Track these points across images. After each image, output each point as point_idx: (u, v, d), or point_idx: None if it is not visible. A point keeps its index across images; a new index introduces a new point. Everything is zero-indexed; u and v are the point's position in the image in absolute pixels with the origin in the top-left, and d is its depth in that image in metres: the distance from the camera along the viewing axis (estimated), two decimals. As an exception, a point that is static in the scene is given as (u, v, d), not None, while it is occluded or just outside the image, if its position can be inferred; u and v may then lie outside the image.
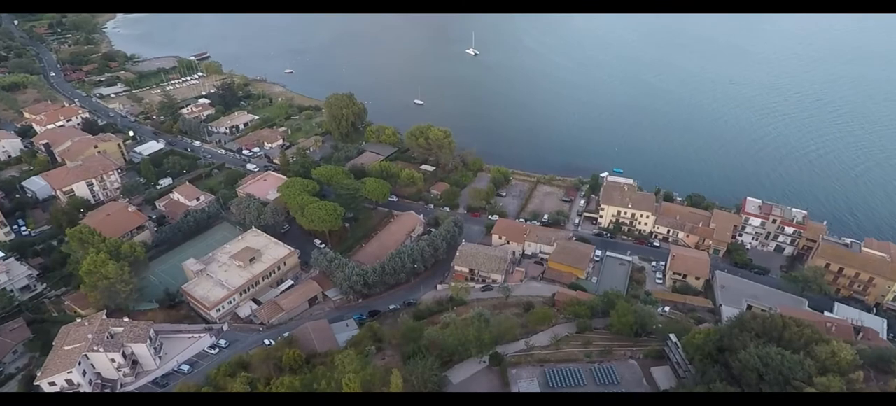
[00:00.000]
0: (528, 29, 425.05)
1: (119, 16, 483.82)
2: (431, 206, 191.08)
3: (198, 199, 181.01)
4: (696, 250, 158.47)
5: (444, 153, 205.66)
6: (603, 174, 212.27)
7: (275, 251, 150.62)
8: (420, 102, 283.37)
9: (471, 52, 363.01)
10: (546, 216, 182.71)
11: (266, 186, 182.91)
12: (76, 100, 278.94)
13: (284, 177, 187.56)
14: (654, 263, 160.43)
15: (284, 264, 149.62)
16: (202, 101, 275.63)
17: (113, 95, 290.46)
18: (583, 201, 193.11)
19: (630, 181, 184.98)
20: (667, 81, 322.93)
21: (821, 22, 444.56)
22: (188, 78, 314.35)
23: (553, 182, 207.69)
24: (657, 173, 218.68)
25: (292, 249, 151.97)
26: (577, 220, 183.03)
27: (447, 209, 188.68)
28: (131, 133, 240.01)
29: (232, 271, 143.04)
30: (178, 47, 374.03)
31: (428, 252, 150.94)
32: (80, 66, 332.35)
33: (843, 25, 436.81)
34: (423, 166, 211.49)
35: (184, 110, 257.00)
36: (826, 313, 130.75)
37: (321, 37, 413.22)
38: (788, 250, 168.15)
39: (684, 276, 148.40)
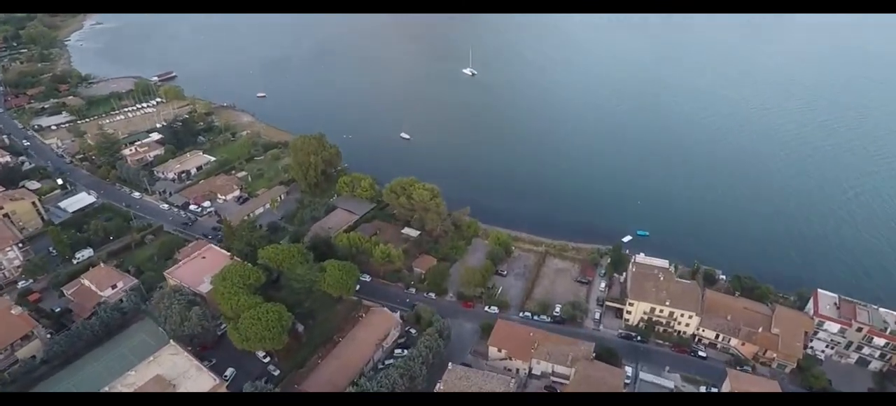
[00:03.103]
0: (530, 44, 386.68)
1: (87, 25, 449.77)
2: (413, 289, 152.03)
3: (114, 286, 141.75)
4: (762, 379, 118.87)
5: (431, 217, 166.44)
6: (625, 238, 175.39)
7: (196, 382, 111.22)
8: (407, 137, 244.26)
9: (468, 72, 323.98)
10: (558, 308, 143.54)
11: (202, 269, 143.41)
12: (7, 133, 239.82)
13: (227, 253, 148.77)
14: (704, 389, 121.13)
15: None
16: (153, 136, 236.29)
17: (54, 127, 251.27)
18: (603, 284, 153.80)
19: (664, 263, 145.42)
20: (686, 105, 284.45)
21: (831, 23, 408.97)
22: (144, 105, 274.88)
23: (565, 253, 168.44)
24: (689, 235, 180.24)
25: (219, 381, 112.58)
26: (597, 313, 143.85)
27: (433, 295, 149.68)
28: (60, 181, 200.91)
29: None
30: (142, 65, 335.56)
31: (401, 385, 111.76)
32: (25, 89, 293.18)
33: (853, 23, 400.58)
34: (406, 230, 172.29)
35: (126, 151, 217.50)
36: None
37: (304, 48, 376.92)
38: (876, 365, 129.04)
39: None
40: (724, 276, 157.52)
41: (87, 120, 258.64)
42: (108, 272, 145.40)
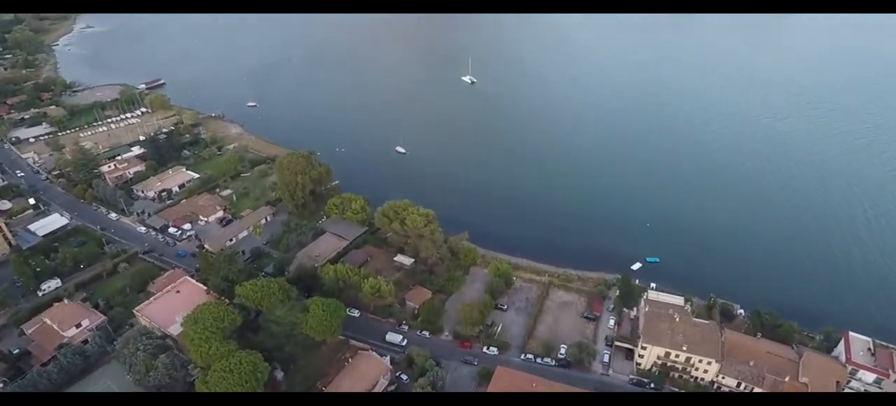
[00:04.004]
0: (531, 49, 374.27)
1: (76, 29, 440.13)
2: (405, 326, 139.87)
3: (78, 325, 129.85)
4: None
5: (426, 244, 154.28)
6: (634, 265, 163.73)
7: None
8: (402, 151, 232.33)
9: (467, 79, 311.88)
10: (564, 349, 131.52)
11: (175, 305, 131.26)
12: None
13: (203, 287, 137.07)
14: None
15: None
16: (134, 150, 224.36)
17: (32, 140, 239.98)
18: (612, 320, 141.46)
19: (679, 300, 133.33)
20: (693, 114, 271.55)
21: (843, 24, 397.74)
22: (128, 115, 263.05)
23: (570, 283, 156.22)
24: (701, 260, 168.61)
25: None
26: (606, 355, 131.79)
27: (426, 334, 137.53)
28: (32, 201, 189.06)
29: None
30: (131, 71, 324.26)
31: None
32: (5, 97, 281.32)
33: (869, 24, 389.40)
34: (399, 257, 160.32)
35: (105, 168, 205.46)
36: None
37: (298, 54, 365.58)
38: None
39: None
40: (742, 311, 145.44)
41: (68, 132, 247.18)
42: (72, 309, 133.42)
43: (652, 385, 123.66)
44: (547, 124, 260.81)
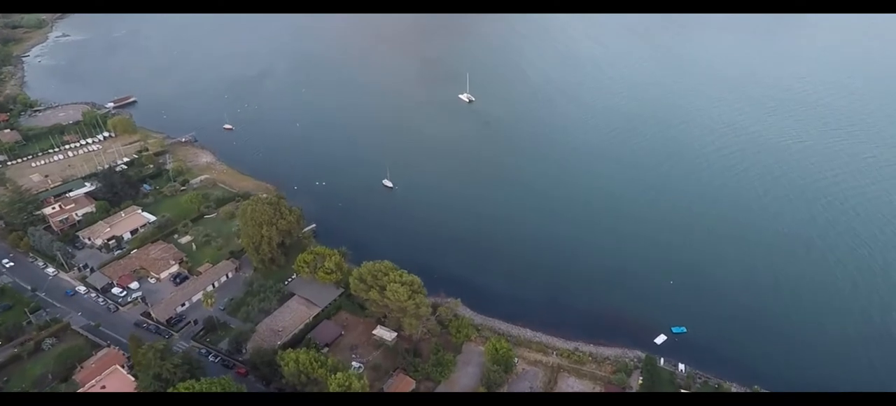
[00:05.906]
0: (533, 62, 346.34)
1: (51, 38, 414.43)
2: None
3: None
4: None
5: (409, 320, 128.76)
6: (658, 338, 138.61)
7: None
8: (390, 185, 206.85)
9: (464, 98, 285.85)
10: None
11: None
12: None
13: (133, 381, 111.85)
14: None
15: None
16: (87, 186, 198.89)
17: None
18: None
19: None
20: (717, 139, 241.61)
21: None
22: (89, 140, 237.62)
23: (583, 365, 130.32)
24: (735, 325, 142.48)
25: None
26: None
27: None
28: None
29: None
30: (101, 86, 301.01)
31: None
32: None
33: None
34: (379, 330, 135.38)
35: (49, 209, 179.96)
36: None
37: (282, 69, 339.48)
38: None
39: None
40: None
41: (19, 160, 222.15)
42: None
43: None
44: (552, 153, 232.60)
